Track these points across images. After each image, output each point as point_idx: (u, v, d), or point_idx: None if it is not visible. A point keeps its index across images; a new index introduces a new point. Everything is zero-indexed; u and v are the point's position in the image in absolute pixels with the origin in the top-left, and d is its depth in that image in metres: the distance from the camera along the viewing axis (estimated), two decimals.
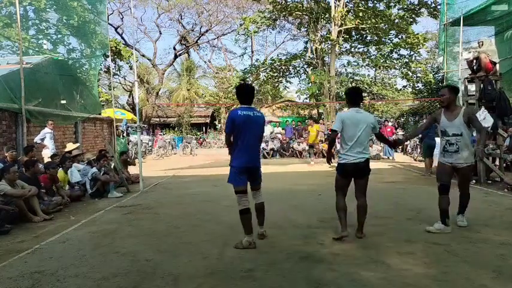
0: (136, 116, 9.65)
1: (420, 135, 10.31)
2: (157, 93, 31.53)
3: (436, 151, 12.56)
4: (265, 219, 4.25)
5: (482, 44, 8.57)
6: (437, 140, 11.42)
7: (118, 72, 26.64)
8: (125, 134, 13.88)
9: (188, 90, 30.93)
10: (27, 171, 6.21)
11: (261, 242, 4.16)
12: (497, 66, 8.59)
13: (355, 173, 4.13)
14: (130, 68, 26.67)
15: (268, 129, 18.74)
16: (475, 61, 8.61)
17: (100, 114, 14.64)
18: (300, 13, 21.04)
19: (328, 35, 20.92)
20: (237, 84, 4.28)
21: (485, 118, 7.90)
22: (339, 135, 4.20)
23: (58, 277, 3.30)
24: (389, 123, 18.72)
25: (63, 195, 6.66)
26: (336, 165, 4.25)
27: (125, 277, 3.27)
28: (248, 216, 3.95)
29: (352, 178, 4.19)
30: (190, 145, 19.38)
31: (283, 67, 23.24)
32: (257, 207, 4.17)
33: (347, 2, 20.50)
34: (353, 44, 23.06)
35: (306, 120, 21.93)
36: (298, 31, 26.19)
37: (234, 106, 32.41)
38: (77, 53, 13.82)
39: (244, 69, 24.13)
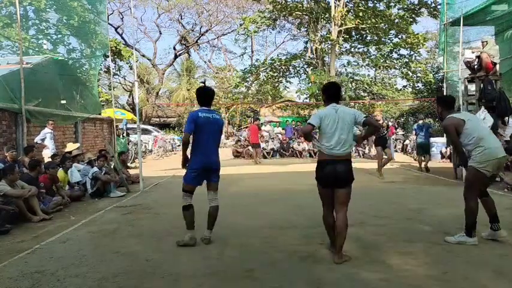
0: (136, 116, 9.65)
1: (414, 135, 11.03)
2: (157, 93, 31.54)
3: (434, 150, 12.96)
4: (218, 223, 4.21)
5: (486, 44, 8.55)
6: (431, 139, 12.28)
7: (118, 72, 26.66)
8: (124, 134, 13.88)
9: (188, 90, 30.90)
10: (32, 172, 6.24)
11: (261, 242, 4.16)
12: (497, 66, 8.58)
13: (335, 178, 3.53)
14: (131, 68, 26.67)
15: (267, 129, 18.74)
16: (476, 60, 8.60)
17: (100, 114, 14.63)
18: (300, 13, 21.03)
19: (328, 35, 20.92)
20: (199, 86, 4.29)
21: (485, 118, 7.89)
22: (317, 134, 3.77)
23: (58, 277, 3.30)
24: (390, 123, 18.71)
25: (63, 195, 6.66)
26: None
27: (125, 277, 3.27)
28: (190, 212, 4.10)
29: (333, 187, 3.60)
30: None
31: (283, 67, 23.25)
32: (210, 210, 4.18)
33: (347, 2, 20.50)
34: (353, 44, 23.05)
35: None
36: (298, 31, 26.19)
37: (234, 106, 32.51)
38: (77, 53, 13.82)
39: (244, 69, 24.17)
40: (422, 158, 10.84)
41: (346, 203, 3.58)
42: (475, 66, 8.63)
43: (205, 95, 4.20)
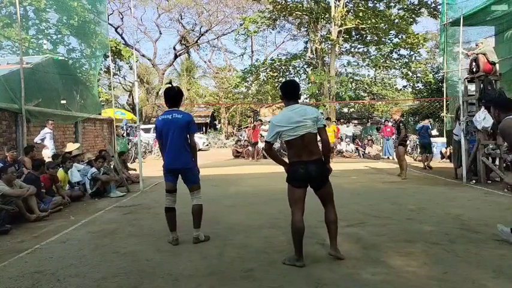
0: (136, 116, 9.66)
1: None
2: (157, 93, 31.54)
3: (434, 150, 13.13)
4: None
5: (481, 44, 8.56)
6: (431, 139, 12.79)
7: (118, 72, 26.67)
8: (124, 134, 13.88)
9: (188, 90, 30.93)
10: (37, 171, 6.26)
11: (261, 242, 4.16)
12: (497, 66, 8.58)
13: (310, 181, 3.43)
14: (130, 68, 26.68)
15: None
16: (474, 63, 8.62)
17: (100, 114, 14.62)
18: (300, 13, 21.03)
19: (328, 35, 20.92)
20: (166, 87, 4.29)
21: (485, 118, 7.90)
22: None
23: (58, 277, 3.30)
24: (389, 123, 18.71)
25: (63, 195, 6.67)
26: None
27: (124, 277, 3.27)
28: (170, 214, 4.15)
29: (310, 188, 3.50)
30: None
31: (283, 67, 23.24)
32: (192, 209, 4.18)
33: (347, 2, 20.50)
34: (353, 44, 23.05)
35: None
36: (298, 31, 26.17)
37: (234, 106, 32.51)
38: (77, 53, 13.83)
39: (244, 69, 24.17)
40: (427, 156, 11.55)
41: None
42: (474, 69, 8.66)
43: (166, 96, 4.20)
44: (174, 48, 31.78)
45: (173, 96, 4.17)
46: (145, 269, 3.44)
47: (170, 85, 4.28)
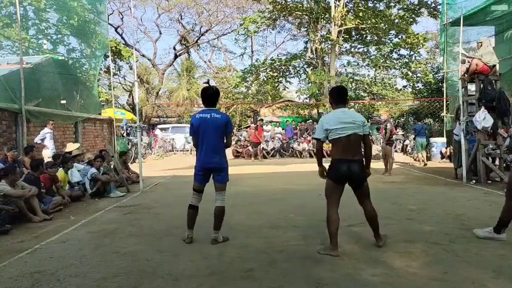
0: (136, 116, 9.66)
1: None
2: (157, 93, 31.53)
3: (434, 150, 13.40)
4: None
5: (481, 45, 8.55)
6: (431, 139, 13.84)
7: (118, 72, 26.65)
8: (124, 134, 13.87)
9: (188, 90, 30.90)
10: (36, 172, 6.26)
11: (260, 242, 4.16)
12: (497, 66, 8.57)
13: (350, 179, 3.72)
14: (131, 68, 26.68)
15: (267, 129, 18.78)
16: (467, 65, 8.63)
17: (100, 114, 14.63)
18: (300, 13, 21.03)
19: (328, 35, 20.92)
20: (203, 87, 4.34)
21: (485, 118, 7.90)
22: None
23: (58, 277, 3.30)
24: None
25: (63, 195, 6.66)
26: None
27: (125, 277, 3.27)
28: (192, 212, 4.20)
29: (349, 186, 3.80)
30: (190, 145, 19.39)
31: (283, 67, 23.25)
32: (215, 211, 4.20)
33: (347, 2, 20.50)
34: (353, 44, 23.05)
35: (309, 120, 22.00)
36: (298, 31, 26.18)
37: (234, 106, 32.49)
38: (77, 53, 13.82)
39: (244, 69, 24.17)
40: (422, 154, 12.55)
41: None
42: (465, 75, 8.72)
43: (204, 96, 4.22)
44: (174, 48, 31.79)
45: (210, 95, 4.19)
46: (146, 269, 3.44)
47: (208, 85, 4.32)
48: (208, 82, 4.52)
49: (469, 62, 8.53)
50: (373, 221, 3.83)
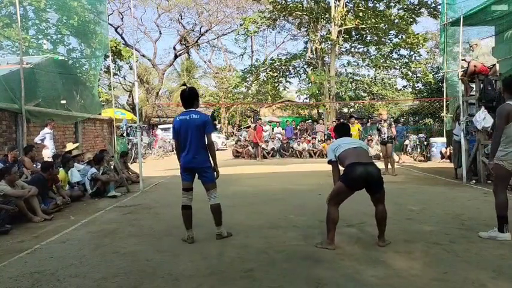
0: (136, 116, 9.66)
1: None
2: (157, 93, 31.53)
3: (434, 150, 13.52)
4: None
5: (476, 46, 8.55)
6: (431, 139, 14.32)
7: (118, 72, 26.64)
8: (124, 134, 13.87)
9: None
10: (45, 173, 6.30)
11: (260, 242, 4.16)
12: (497, 66, 8.57)
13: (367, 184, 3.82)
14: (130, 68, 26.67)
15: (267, 129, 18.79)
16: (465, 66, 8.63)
17: (100, 114, 14.63)
18: (300, 13, 21.05)
19: (328, 35, 20.93)
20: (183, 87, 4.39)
21: (485, 118, 7.89)
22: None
23: (58, 277, 3.30)
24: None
25: (63, 195, 6.66)
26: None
27: (124, 277, 3.27)
28: (186, 212, 4.22)
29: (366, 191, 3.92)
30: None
31: (283, 67, 23.27)
32: (211, 209, 4.26)
33: (347, 2, 20.51)
34: (353, 44, 23.08)
35: (308, 120, 22.02)
36: (298, 31, 26.21)
37: (234, 106, 32.50)
38: (77, 53, 13.82)
39: (244, 69, 24.19)
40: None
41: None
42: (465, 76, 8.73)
43: (181, 98, 4.29)
44: (174, 48, 31.79)
45: (187, 97, 4.26)
46: (145, 269, 3.44)
47: (184, 86, 4.39)
48: (185, 84, 4.59)
49: (467, 62, 8.52)
50: (382, 221, 3.92)
